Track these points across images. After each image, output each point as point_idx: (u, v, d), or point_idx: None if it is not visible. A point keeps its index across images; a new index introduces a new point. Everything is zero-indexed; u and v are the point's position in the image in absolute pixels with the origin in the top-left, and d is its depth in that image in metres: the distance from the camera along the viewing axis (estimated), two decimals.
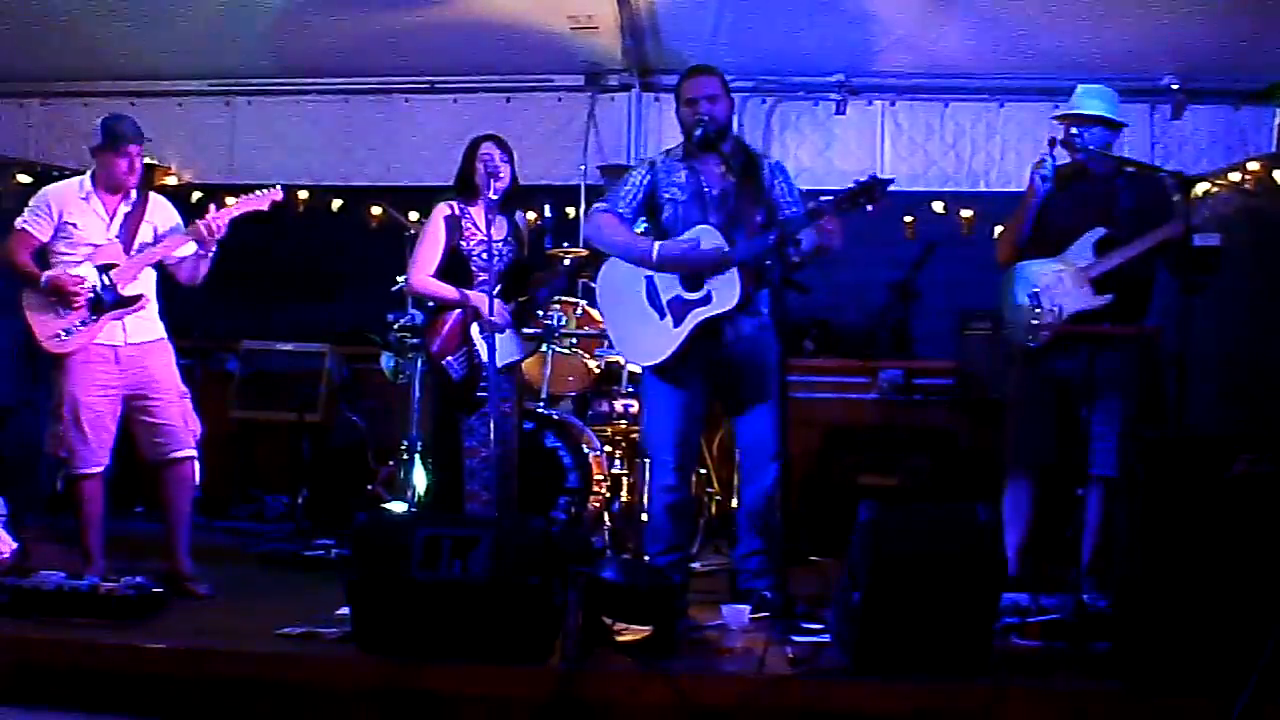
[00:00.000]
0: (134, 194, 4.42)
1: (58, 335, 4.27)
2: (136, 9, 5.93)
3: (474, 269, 4.52)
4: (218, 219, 4.37)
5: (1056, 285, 4.35)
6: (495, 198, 4.49)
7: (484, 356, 4.43)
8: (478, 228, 4.53)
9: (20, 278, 4.32)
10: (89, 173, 4.42)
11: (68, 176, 4.44)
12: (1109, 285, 4.27)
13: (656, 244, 4.19)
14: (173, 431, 4.37)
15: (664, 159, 4.37)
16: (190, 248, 4.43)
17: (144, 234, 4.42)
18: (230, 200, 4.49)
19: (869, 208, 3.91)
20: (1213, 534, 3.25)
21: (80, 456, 4.28)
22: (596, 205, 4.45)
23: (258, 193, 4.50)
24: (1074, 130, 4.39)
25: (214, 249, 4.40)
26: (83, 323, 4.28)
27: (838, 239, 4.00)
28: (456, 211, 4.57)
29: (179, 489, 4.40)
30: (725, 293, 4.11)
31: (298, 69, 6.41)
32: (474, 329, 4.47)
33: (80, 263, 4.29)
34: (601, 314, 4.51)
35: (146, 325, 4.43)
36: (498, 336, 4.41)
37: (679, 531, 4.35)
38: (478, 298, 4.43)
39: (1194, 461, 3.32)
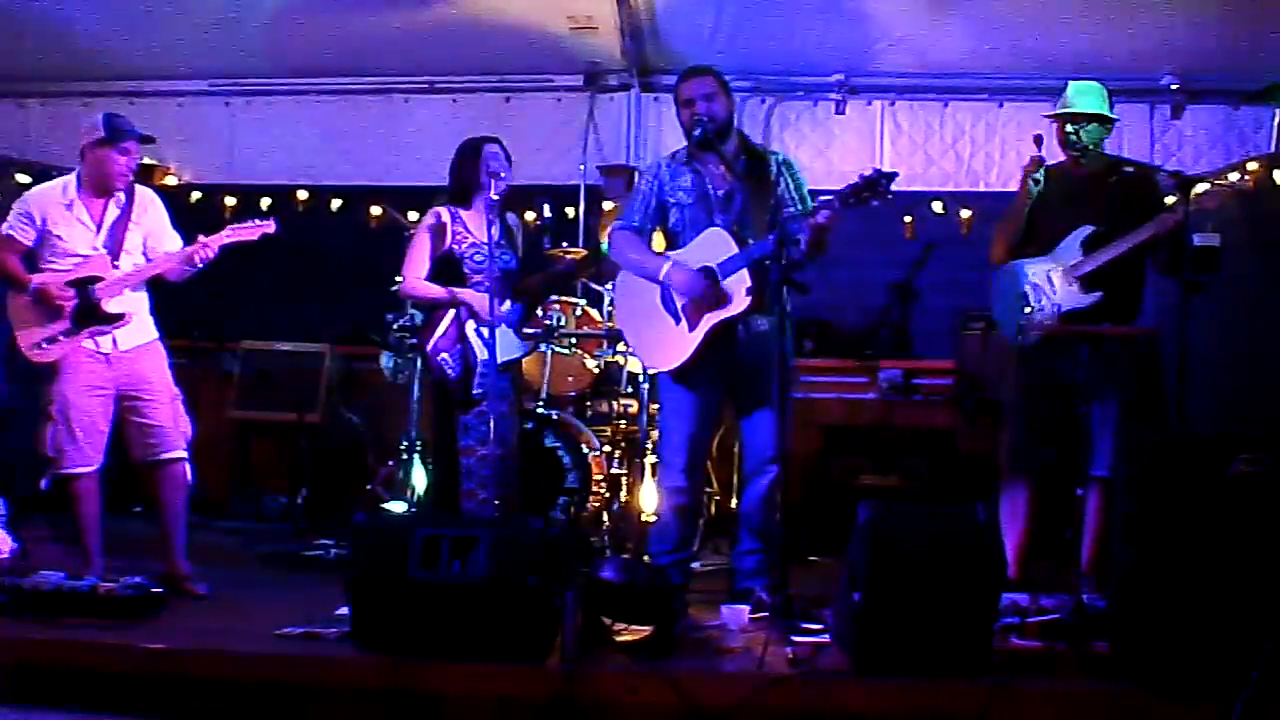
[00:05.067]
0: (122, 195, 4.36)
1: (39, 345, 4.26)
2: (136, 9, 5.93)
3: (467, 271, 4.53)
4: (208, 246, 4.32)
5: (1045, 284, 4.35)
6: (497, 198, 4.49)
7: (480, 355, 4.44)
8: (470, 230, 4.54)
9: (8, 282, 4.30)
10: (74, 174, 4.35)
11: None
12: (1097, 283, 4.27)
13: (665, 265, 4.20)
14: (163, 433, 4.35)
15: (670, 163, 4.37)
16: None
17: (132, 240, 4.37)
18: (230, 202, 4.47)
19: (874, 202, 3.90)
20: (1212, 534, 3.25)
21: (68, 456, 4.25)
22: (615, 223, 4.47)
23: (254, 221, 4.44)
24: (1069, 128, 4.39)
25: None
26: (64, 334, 4.26)
27: (829, 235, 4.01)
28: (449, 216, 4.56)
29: (172, 490, 4.38)
30: (738, 295, 4.12)
31: (298, 69, 6.42)
32: (469, 327, 4.48)
33: (67, 272, 4.26)
34: (619, 321, 4.55)
35: (138, 330, 4.40)
36: (496, 335, 4.41)
37: (684, 534, 4.35)
38: (473, 296, 4.44)
39: (1194, 461, 3.31)
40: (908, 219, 6.51)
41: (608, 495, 5.35)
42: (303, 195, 6.67)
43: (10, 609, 3.76)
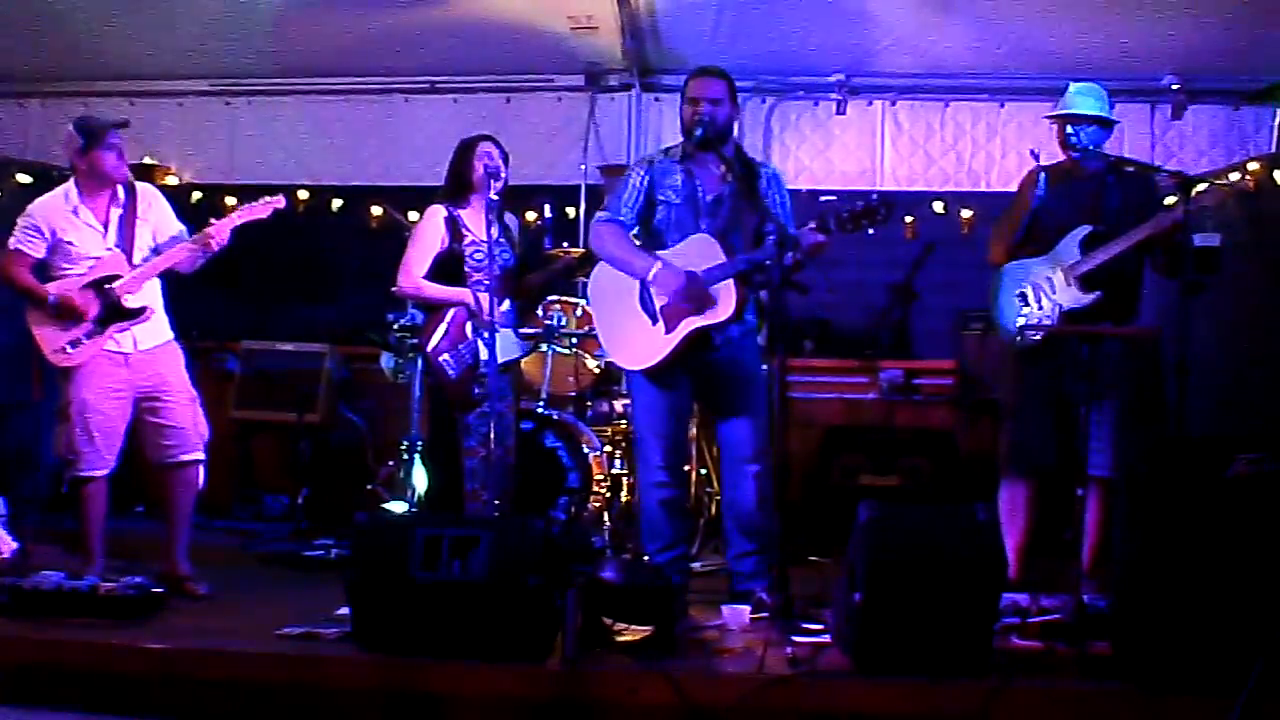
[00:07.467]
0: (122, 192, 4.36)
1: (63, 349, 4.25)
2: (136, 9, 5.94)
3: (467, 270, 4.53)
4: (220, 229, 4.32)
5: (1044, 284, 4.35)
6: (495, 198, 4.49)
7: (481, 355, 4.44)
8: (469, 229, 4.54)
9: (25, 297, 4.29)
10: (71, 181, 4.35)
11: (68, 176, 4.41)
12: (1096, 283, 4.27)
13: (655, 266, 4.14)
14: (182, 434, 4.36)
15: (662, 158, 4.34)
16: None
17: (142, 236, 4.37)
18: (230, 201, 4.47)
19: (871, 231, 3.92)
20: (1213, 534, 3.25)
21: (85, 459, 4.27)
22: (599, 215, 4.39)
23: (263, 199, 4.46)
24: (1069, 129, 4.39)
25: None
26: (88, 336, 4.26)
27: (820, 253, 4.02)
28: (450, 214, 4.57)
29: (183, 491, 4.39)
30: (721, 303, 4.11)
31: (298, 69, 6.42)
32: (469, 328, 4.48)
33: (83, 276, 4.27)
34: (593, 313, 4.53)
35: (156, 330, 4.41)
36: (496, 336, 4.41)
37: (676, 528, 4.34)
38: (470, 296, 4.44)
39: (1194, 461, 3.32)
40: (908, 219, 6.51)
41: (608, 495, 5.35)
42: (303, 195, 6.66)
43: (10, 609, 3.76)
